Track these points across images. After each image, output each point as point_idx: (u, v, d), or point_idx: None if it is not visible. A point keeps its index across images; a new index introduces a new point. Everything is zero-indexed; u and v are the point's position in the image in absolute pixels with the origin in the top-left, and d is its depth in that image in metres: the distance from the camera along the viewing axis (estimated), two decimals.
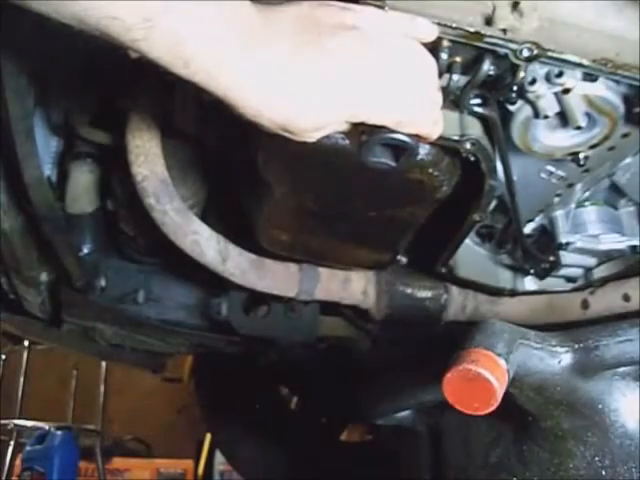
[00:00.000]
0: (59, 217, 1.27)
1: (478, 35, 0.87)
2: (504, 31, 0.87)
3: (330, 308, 1.47)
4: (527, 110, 0.98)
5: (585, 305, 1.27)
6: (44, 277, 1.43)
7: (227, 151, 1.18)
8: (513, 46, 0.88)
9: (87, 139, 1.29)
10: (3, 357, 4.90)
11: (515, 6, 0.85)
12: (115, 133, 1.21)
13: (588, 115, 0.99)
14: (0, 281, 1.44)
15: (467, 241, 1.24)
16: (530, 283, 1.32)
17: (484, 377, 0.78)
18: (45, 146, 1.30)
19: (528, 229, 1.22)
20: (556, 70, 0.93)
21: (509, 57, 0.89)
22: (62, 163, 1.36)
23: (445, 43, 0.88)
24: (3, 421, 3.90)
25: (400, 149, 0.79)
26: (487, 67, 0.91)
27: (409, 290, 1.37)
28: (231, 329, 1.47)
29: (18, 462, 3.62)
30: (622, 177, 1.15)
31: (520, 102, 0.98)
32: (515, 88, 0.94)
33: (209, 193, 1.29)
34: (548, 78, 0.94)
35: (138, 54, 0.68)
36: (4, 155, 1.12)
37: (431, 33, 0.82)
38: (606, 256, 1.22)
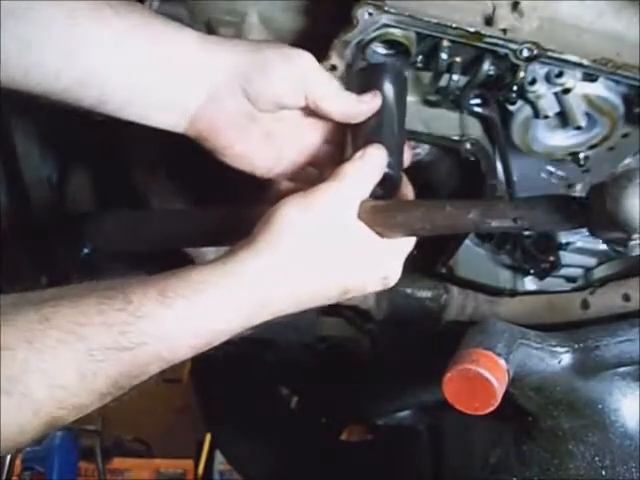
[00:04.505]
0: (59, 217, 1.27)
1: (478, 35, 0.87)
2: (504, 31, 0.87)
3: (330, 308, 1.47)
4: (527, 110, 0.98)
5: (585, 305, 1.27)
6: (44, 279, 1.43)
7: None
8: (513, 46, 0.88)
9: (87, 139, 1.29)
10: None
11: (515, 6, 0.85)
12: (115, 133, 1.21)
13: (588, 115, 0.99)
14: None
15: (467, 241, 1.24)
16: (530, 283, 1.32)
17: (484, 377, 0.78)
18: (45, 146, 1.30)
19: None
20: (556, 70, 0.93)
21: (509, 57, 0.89)
22: (62, 163, 1.36)
23: (445, 43, 0.88)
24: None
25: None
26: (487, 67, 0.91)
27: (409, 290, 1.37)
28: None
29: (18, 462, 3.62)
30: None
31: (520, 102, 0.98)
32: (515, 88, 0.94)
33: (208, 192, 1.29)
34: (548, 78, 0.94)
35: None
36: (4, 155, 1.12)
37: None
38: (606, 256, 1.22)
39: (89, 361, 0.61)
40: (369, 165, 0.80)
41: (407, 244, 0.83)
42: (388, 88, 0.86)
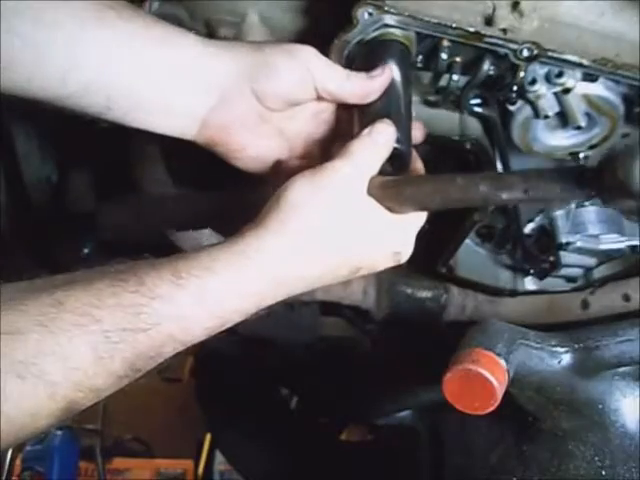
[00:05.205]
0: (59, 217, 1.27)
1: (478, 35, 0.87)
2: (504, 31, 0.87)
3: (330, 308, 1.47)
4: (527, 110, 0.98)
5: (585, 305, 1.27)
6: None
7: None
8: (513, 46, 0.88)
9: (87, 139, 1.29)
10: None
11: (515, 6, 0.85)
12: (115, 133, 1.21)
13: (588, 115, 0.99)
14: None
15: (467, 241, 1.25)
16: (530, 283, 1.32)
17: (484, 377, 0.78)
18: (45, 146, 1.30)
19: (528, 229, 1.22)
20: (556, 70, 0.93)
21: (509, 57, 0.89)
22: (62, 163, 1.36)
23: (445, 43, 0.88)
24: None
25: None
26: (487, 67, 0.92)
27: (409, 290, 1.37)
28: (231, 329, 1.46)
29: (18, 462, 3.61)
30: None
31: (520, 102, 0.98)
32: (515, 88, 0.94)
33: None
34: (548, 78, 0.94)
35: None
36: (4, 155, 1.12)
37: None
38: (606, 256, 1.22)
39: (105, 343, 0.61)
40: (377, 141, 0.79)
41: (418, 219, 0.82)
42: (392, 64, 0.86)
